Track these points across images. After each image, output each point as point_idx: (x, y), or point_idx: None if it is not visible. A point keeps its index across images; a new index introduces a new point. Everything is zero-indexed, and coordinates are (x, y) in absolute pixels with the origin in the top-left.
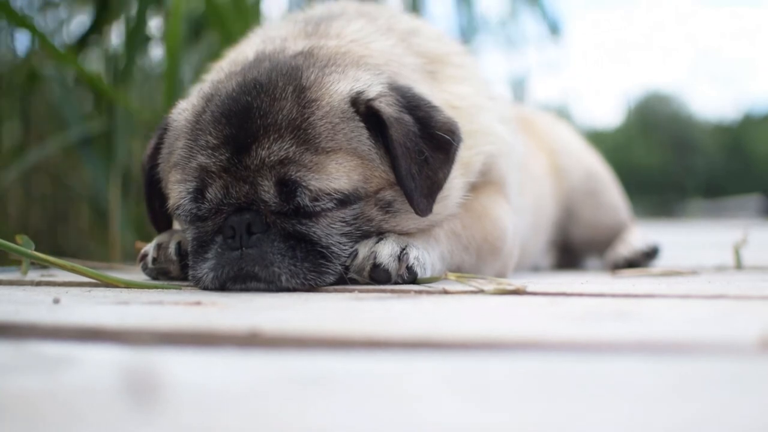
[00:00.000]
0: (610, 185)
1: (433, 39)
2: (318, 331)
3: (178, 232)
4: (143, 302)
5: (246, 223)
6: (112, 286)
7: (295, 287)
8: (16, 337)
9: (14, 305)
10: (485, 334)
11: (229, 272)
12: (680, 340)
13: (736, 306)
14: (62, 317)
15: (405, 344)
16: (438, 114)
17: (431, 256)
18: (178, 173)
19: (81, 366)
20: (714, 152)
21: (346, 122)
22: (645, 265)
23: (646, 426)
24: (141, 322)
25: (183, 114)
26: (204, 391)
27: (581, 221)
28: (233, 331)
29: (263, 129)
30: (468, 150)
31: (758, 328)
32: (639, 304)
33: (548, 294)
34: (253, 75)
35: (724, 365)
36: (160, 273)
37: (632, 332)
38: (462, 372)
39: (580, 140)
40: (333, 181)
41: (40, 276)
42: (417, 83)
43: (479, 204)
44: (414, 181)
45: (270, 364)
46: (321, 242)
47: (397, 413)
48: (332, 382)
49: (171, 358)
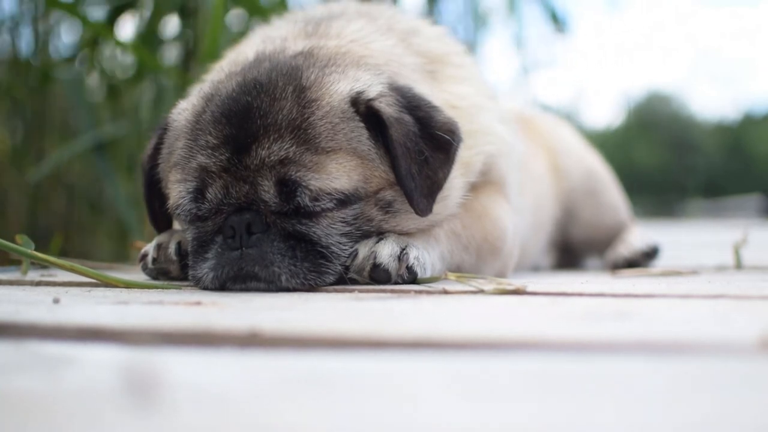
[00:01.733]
0: (610, 185)
1: (433, 39)
2: (318, 331)
3: (178, 232)
4: (143, 302)
5: (246, 223)
6: (112, 286)
7: (295, 287)
8: (16, 337)
9: (14, 305)
10: (485, 334)
11: (229, 272)
12: (680, 340)
13: (736, 306)
14: (62, 317)
15: (405, 344)
16: (438, 114)
17: (431, 256)
18: (178, 173)
19: (81, 366)
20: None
21: (346, 122)
22: (645, 265)
23: (646, 426)
24: (141, 322)
25: (183, 114)
26: (204, 391)
27: (581, 221)
28: (233, 331)
29: (263, 129)
30: (468, 150)
31: (758, 328)
32: (639, 304)
33: (548, 294)
34: (253, 75)
35: (724, 365)
36: (160, 273)
37: (632, 332)
38: (462, 372)
39: (580, 140)
40: (333, 181)
41: (40, 276)
42: (417, 83)
43: (479, 204)
44: (414, 181)
45: (270, 364)
46: (321, 242)
47: (397, 413)
48: (332, 382)
49: (171, 358)
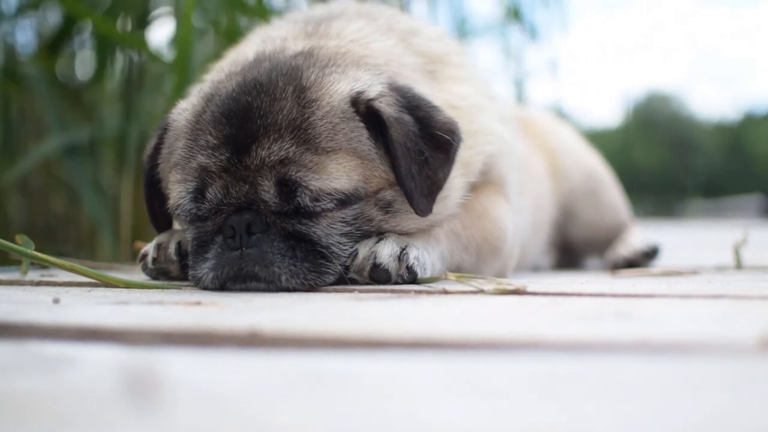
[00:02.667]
0: (610, 185)
1: (433, 39)
2: (318, 331)
3: (178, 232)
4: (143, 302)
5: (246, 223)
6: (112, 286)
7: (295, 287)
8: (16, 337)
9: (14, 305)
10: (485, 334)
11: (229, 272)
12: (680, 340)
13: (736, 306)
14: (62, 317)
15: (405, 344)
16: (438, 114)
17: (431, 256)
18: (178, 173)
19: (81, 366)
20: (714, 152)
21: (346, 122)
22: (645, 265)
23: (646, 426)
24: (141, 322)
25: (183, 114)
26: (204, 391)
27: (581, 221)
28: (233, 331)
29: (263, 129)
30: (468, 150)
31: (758, 328)
32: (639, 304)
33: (548, 294)
34: (253, 75)
35: (724, 365)
36: (160, 273)
37: (632, 332)
38: (462, 372)
39: (580, 140)
40: (333, 181)
41: (40, 276)
42: (417, 83)
43: (479, 204)
44: (414, 181)
45: (270, 364)
46: (321, 242)
47: (397, 413)
48: (332, 382)
49: (171, 358)
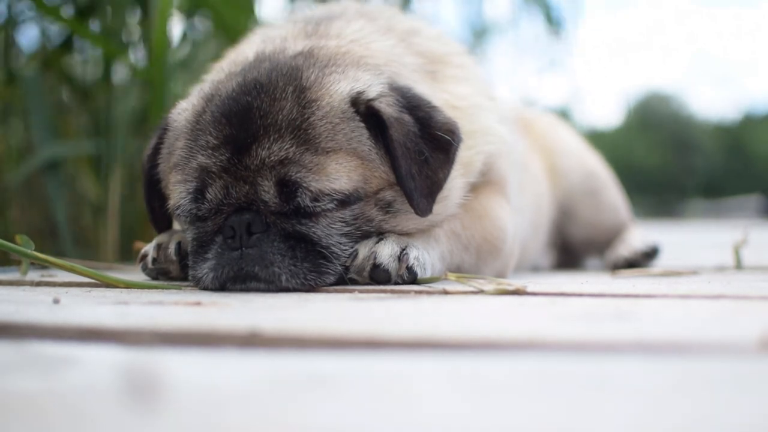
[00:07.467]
0: (610, 185)
1: (433, 39)
2: (318, 331)
3: (178, 232)
4: (143, 302)
5: (246, 223)
6: (112, 286)
7: (295, 287)
8: (16, 337)
9: (14, 305)
10: (485, 334)
11: (229, 272)
12: (680, 340)
13: (736, 306)
14: (62, 317)
15: (405, 344)
16: (438, 114)
17: (431, 256)
18: (178, 173)
19: (81, 366)
20: (714, 152)
21: (346, 122)
22: (645, 265)
23: (646, 426)
24: (141, 322)
25: (183, 114)
26: (204, 391)
27: (581, 221)
28: (233, 331)
29: (263, 129)
30: (468, 150)
31: (758, 328)
32: (639, 304)
33: (548, 294)
34: (253, 75)
35: (724, 365)
36: (160, 273)
37: (632, 332)
38: (462, 372)
39: (579, 140)
40: (333, 181)
41: (40, 276)
42: (417, 83)
43: (479, 204)
44: (414, 181)
45: (270, 364)
46: (321, 242)
47: (397, 413)
48: (332, 382)
49: (171, 358)
